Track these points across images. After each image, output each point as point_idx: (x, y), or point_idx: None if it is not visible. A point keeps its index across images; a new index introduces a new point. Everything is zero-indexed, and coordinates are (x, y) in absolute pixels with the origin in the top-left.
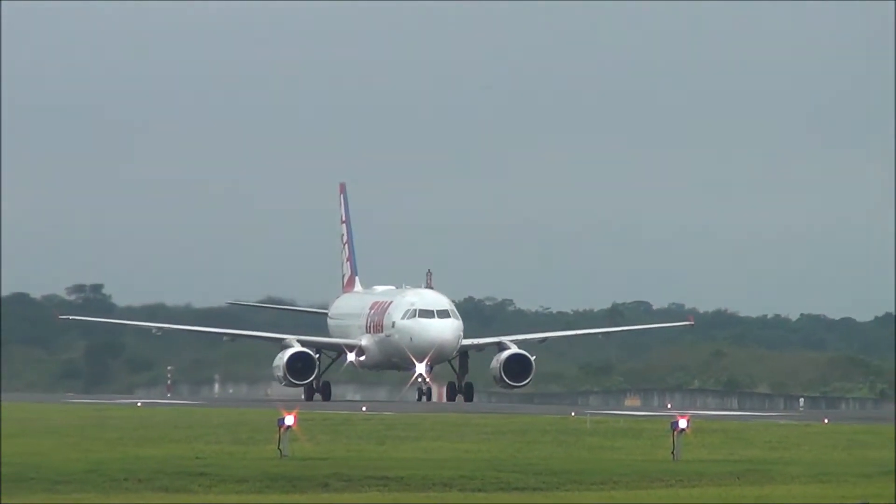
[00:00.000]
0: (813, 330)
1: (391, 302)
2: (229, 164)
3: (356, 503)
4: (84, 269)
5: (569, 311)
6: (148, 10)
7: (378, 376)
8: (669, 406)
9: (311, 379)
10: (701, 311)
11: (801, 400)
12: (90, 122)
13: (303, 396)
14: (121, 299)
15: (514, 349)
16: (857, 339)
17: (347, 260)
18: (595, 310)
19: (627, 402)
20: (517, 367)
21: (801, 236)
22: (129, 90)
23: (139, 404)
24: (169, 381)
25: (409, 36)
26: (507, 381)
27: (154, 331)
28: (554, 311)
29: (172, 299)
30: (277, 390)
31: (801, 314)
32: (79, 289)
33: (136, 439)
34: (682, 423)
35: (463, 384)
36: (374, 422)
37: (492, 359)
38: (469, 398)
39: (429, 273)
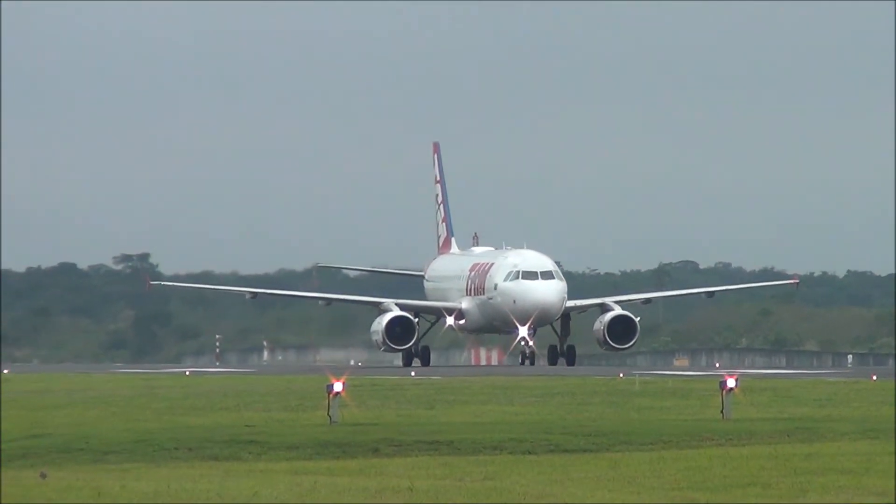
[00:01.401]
0: (860, 286)
1: (492, 264)
2: (306, 128)
3: (406, 468)
4: (131, 238)
5: (616, 271)
6: None
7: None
8: (717, 365)
9: (411, 344)
10: (748, 269)
11: (849, 357)
12: (138, 88)
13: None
14: (167, 268)
15: (617, 310)
16: None
17: (443, 221)
18: (642, 270)
19: (675, 363)
20: (621, 328)
21: (846, 193)
22: (182, 52)
23: (187, 373)
24: (217, 350)
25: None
26: (612, 343)
27: (247, 296)
28: (602, 273)
29: (220, 267)
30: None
31: (848, 271)
32: (126, 258)
33: (185, 408)
34: (731, 383)
35: (565, 347)
36: (423, 386)
37: (594, 321)
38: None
39: (475, 236)
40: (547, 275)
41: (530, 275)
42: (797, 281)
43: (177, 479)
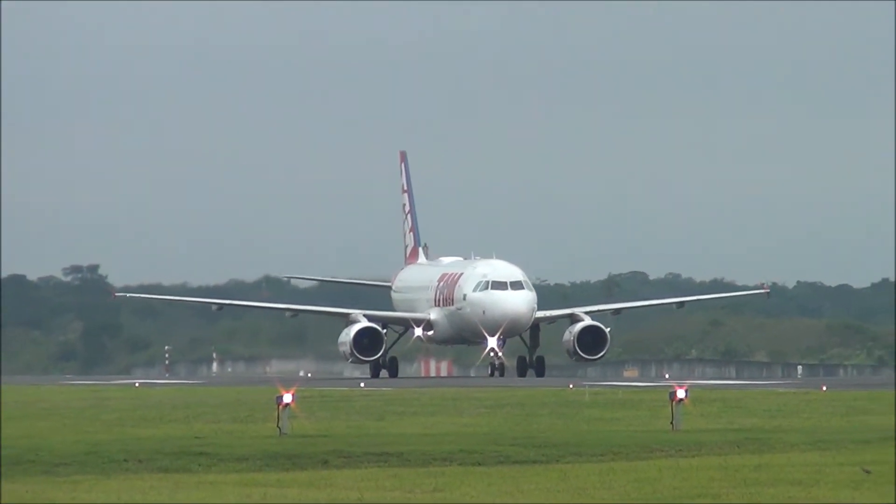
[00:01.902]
0: (810, 297)
1: (461, 274)
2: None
3: (355, 480)
4: (80, 250)
5: (566, 282)
6: None
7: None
8: (667, 376)
9: (379, 355)
10: (697, 280)
11: (800, 368)
12: (85, 99)
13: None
14: (116, 279)
15: (587, 321)
16: (855, 306)
17: (410, 231)
18: (592, 281)
19: (625, 373)
20: (591, 338)
21: (796, 204)
22: (133, 60)
23: (137, 384)
24: (167, 361)
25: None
26: (581, 353)
27: (213, 308)
28: (552, 284)
29: (169, 279)
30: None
31: (798, 281)
32: (75, 270)
33: (135, 420)
34: (681, 393)
35: (534, 358)
36: (373, 398)
37: (564, 331)
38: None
39: (425, 246)
40: (517, 285)
41: (500, 285)
42: (768, 290)
43: (127, 490)
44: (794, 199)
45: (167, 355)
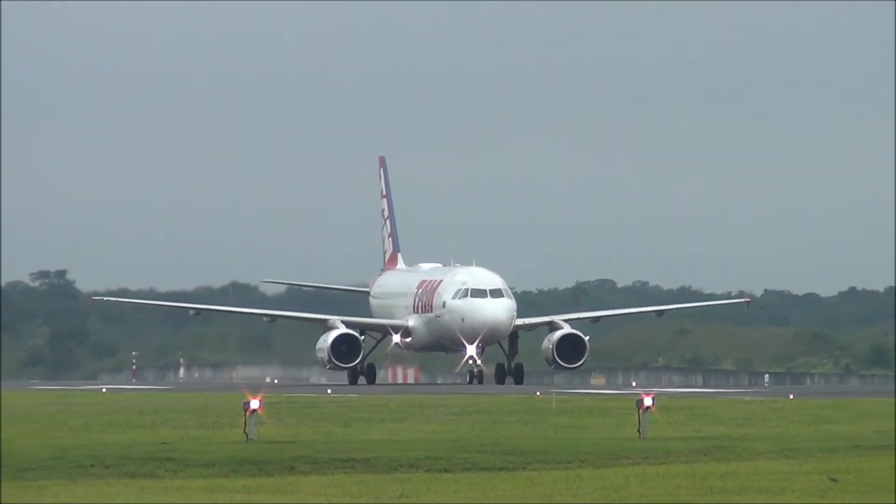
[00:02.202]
0: (777, 306)
1: (441, 281)
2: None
3: (322, 486)
4: (49, 255)
5: (533, 290)
6: None
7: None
8: (634, 384)
9: (357, 362)
10: (665, 288)
11: (766, 376)
12: (52, 104)
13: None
14: (84, 285)
15: (566, 329)
16: (822, 315)
17: (389, 236)
18: (560, 288)
19: (592, 381)
20: (570, 347)
21: (762, 213)
22: (104, 64)
23: (104, 390)
24: (134, 367)
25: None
26: (560, 362)
27: (191, 313)
28: (519, 291)
29: (136, 284)
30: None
31: (766, 290)
32: (43, 275)
33: (102, 425)
34: (648, 401)
35: (513, 366)
36: (340, 404)
37: (543, 339)
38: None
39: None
40: (496, 293)
41: (479, 292)
42: (748, 300)
43: (93, 495)
44: (760, 209)
45: (134, 361)
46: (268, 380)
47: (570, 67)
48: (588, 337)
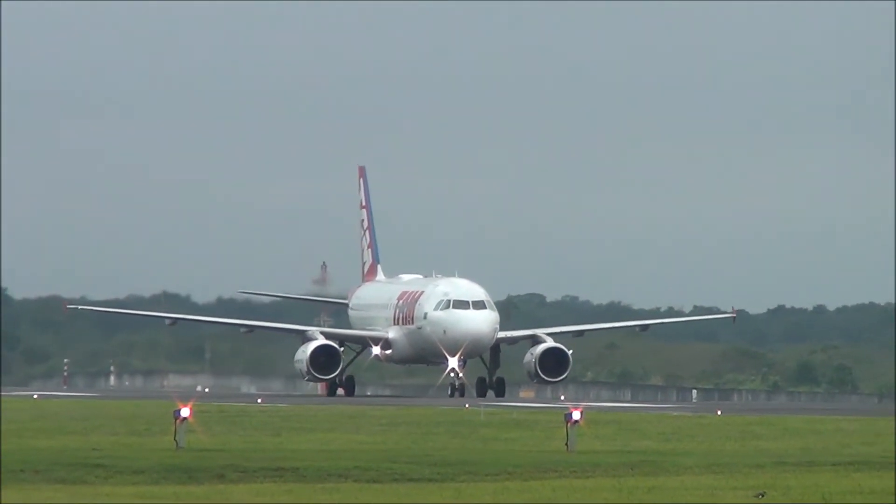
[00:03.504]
0: (705, 322)
1: (422, 292)
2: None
3: (251, 494)
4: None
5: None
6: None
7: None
8: (563, 398)
9: (336, 374)
10: (595, 303)
11: (694, 392)
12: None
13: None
14: (16, 292)
15: (549, 342)
16: (750, 332)
17: (369, 247)
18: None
19: (521, 394)
20: (553, 361)
21: (691, 230)
22: (70, 72)
23: (35, 396)
24: (65, 374)
25: (425, 25)
26: (543, 375)
27: (167, 322)
28: None
29: (69, 292)
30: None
31: (694, 306)
32: None
33: (33, 431)
34: (576, 415)
35: (494, 379)
36: (269, 413)
37: (525, 352)
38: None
39: (324, 265)
40: (479, 304)
41: (462, 304)
42: (734, 315)
43: (23, 501)
44: (689, 226)
45: (65, 368)
46: (199, 388)
47: (549, 83)
48: (571, 351)
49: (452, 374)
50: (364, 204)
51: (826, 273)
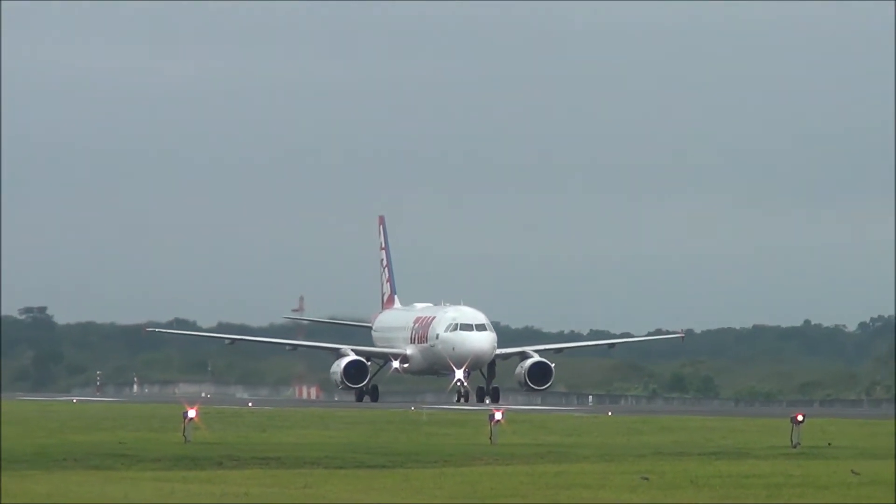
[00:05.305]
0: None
1: (434, 317)
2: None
3: (244, 478)
4: (29, 292)
5: None
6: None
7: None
8: (487, 402)
9: (364, 384)
10: (513, 327)
11: (591, 397)
12: (34, 141)
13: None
14: (60, 318)
15: (536, 357)
16: (635, 349)
17: (387, 281)
18: None
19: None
20: (540, 372)
21: (584, 264)
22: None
23: (75, 401)
24: (98, 383)
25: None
26: (531, 385)
27: (227, 342)
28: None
29: (101, 318)
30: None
31: (591, 330)
32: (28, 310)
33: (73, 428)
34: (498, 415)
35: (490, 388)
36: (258, 414)
37: (516, 366)
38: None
39: (301, 298)
40: (481, 327)
41: (467, 326)
42: (683, 335)
43: (66, 483)
44: (581, 260)
45: (98, 379)
46: (202, 395)
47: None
48: (554, 364)
49: (459, 383)
50: (383, 246)
51: (695, 301)
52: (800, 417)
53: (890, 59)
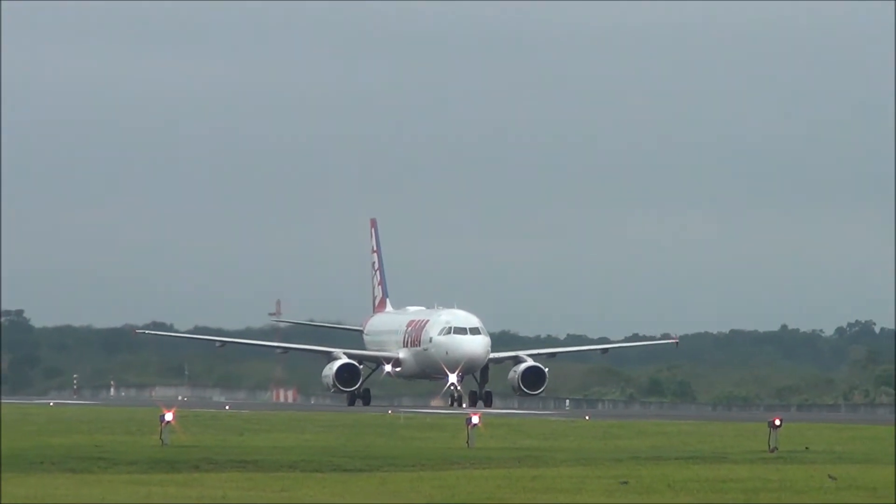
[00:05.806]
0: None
1: (427, 320)
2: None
3: (221, 481)
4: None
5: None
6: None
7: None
8: (465, 406)
9: (357, 387)
10: (490, 331)
11: (568, 401)
12: (32, 149)
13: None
14: (37, 321)
15: (530, 362)
16: (612, 354)
17: (379, 284)
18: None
19: (433, 403)
20: (533, 377)
21: (562, 269)
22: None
23: (51, 404)
24: (75, 386)
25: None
26: (525, 389)
27: (217, 344)
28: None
29: (78, 321)
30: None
31: (568, 334)
32: (6, 313)
33: (50, 431)
34: (475, 419)
35: (483, 392)
36: (235, 418)
37: (509, 370)
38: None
39: (278, 302)
40: (475, 330)
41: (461, 330)
42: (677, 340)
43: (43, 486)
44: (559, 265)
45: (75, 382)
46: (179, 398)
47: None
48: (547, 369)
49: (452, 388)
50: (375, 249)
51: (672, 306)
52: (777, 422)
53: (890, 59)
